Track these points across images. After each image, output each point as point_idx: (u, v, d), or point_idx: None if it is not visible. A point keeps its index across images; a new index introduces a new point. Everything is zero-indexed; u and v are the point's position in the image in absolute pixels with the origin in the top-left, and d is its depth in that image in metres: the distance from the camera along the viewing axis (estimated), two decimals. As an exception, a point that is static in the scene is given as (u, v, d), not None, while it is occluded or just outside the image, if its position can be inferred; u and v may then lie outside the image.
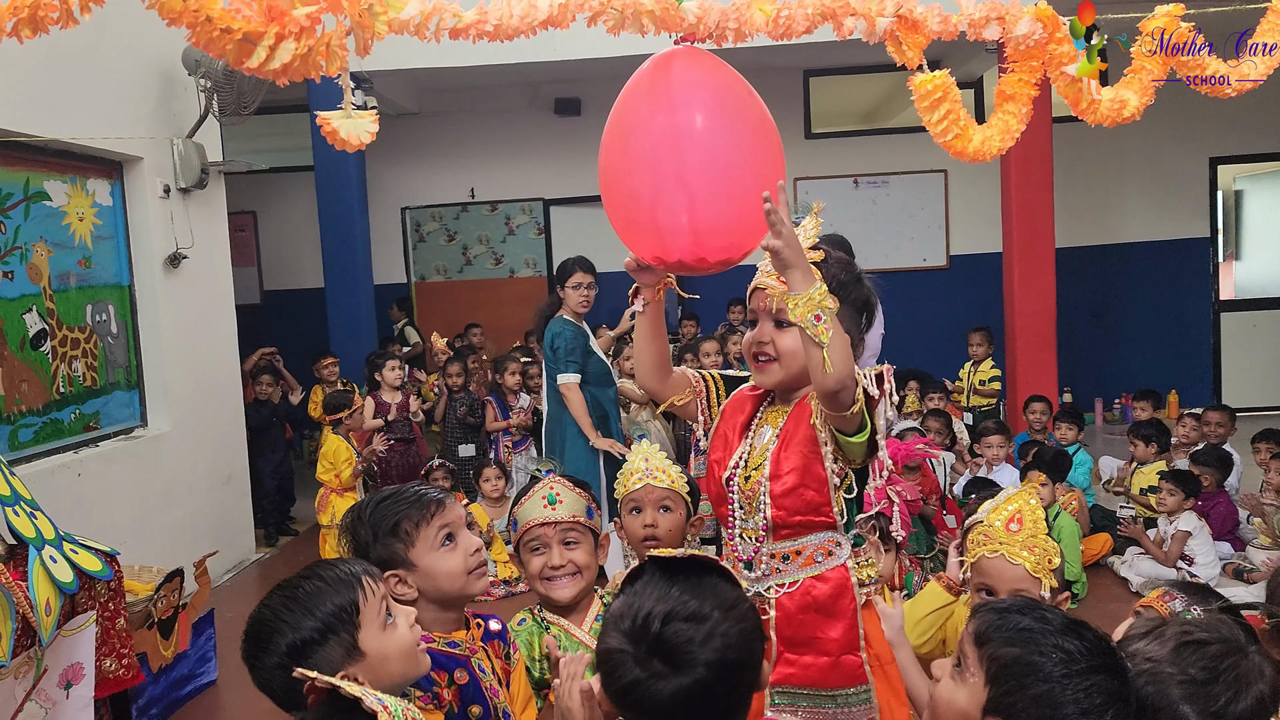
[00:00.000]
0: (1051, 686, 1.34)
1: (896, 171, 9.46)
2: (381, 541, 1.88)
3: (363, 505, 1.95)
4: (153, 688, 3.90)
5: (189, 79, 5.63)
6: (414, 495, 1.92)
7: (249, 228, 9.82)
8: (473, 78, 8.39)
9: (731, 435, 2.13)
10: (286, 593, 1.57)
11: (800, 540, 2.00)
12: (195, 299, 5.89)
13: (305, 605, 1.53)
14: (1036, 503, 2.12)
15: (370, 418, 6.25)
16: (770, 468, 1.99)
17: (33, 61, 4.50)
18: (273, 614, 1.54)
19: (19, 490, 3.12)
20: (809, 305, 1.77)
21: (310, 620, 1.51)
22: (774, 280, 1.96)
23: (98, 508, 4.79)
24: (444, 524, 1.89)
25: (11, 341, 4.53)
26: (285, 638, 1.51)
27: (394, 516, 1.88)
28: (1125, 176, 9.48)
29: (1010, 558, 2.03)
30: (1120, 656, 1.42)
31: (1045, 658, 1.36)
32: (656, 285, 2.18)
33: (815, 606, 1.99)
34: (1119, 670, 1.39)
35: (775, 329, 2.01)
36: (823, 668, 1.99)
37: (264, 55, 1.55)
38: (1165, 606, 1.96)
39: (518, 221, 9.84)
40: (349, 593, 1.55)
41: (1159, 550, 4.98)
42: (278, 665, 1.50)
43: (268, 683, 1.52)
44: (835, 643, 1.98)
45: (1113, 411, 9.32)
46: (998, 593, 2.05)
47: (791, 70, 9.28)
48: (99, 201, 5.24)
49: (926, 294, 9.41)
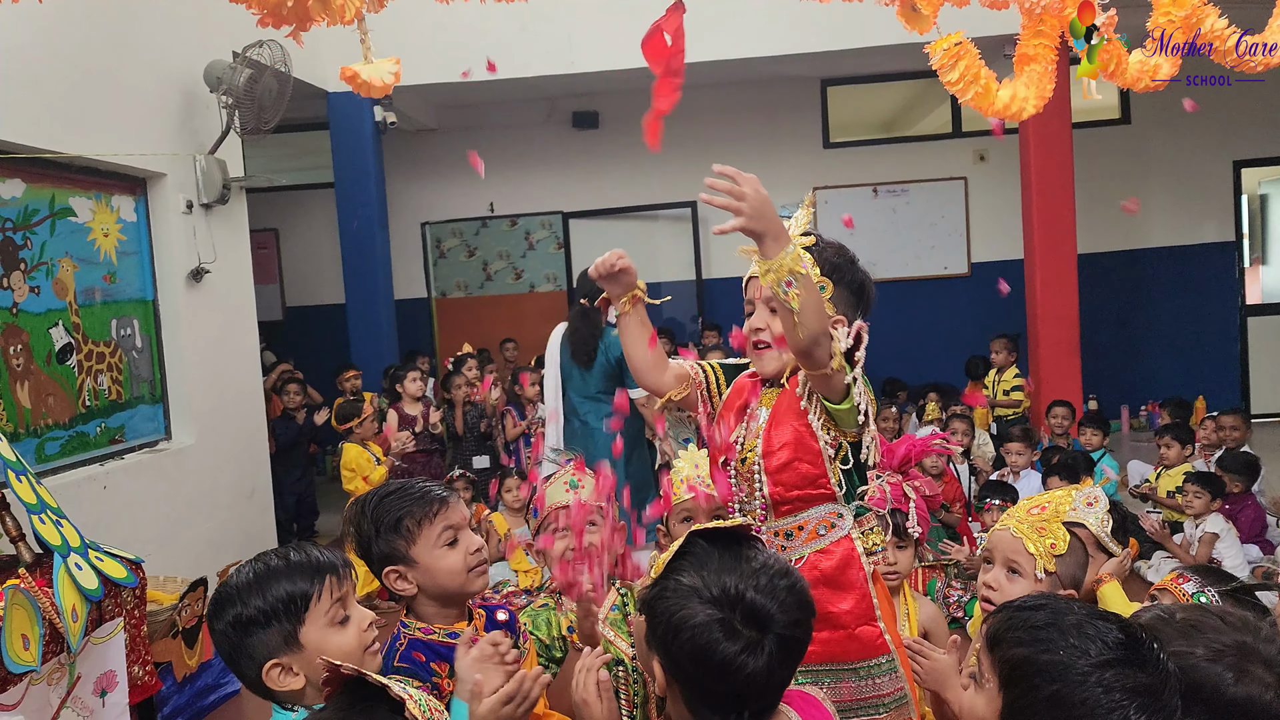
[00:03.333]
0: (1062, 686, 1.25)
1: (916, 180, 9.43)
2: (384, 537, 1.88)
3: (367, 499, 1.95)
4: (177, 696, 3.92)
5: (211, 96, 5.70)
6: (419, 492, 1.92)
7: (271, 245, 9.91)
8: (491, 93, 8.45)
9: (732, 422, 2.15)
10: (255, 565, 1.64)
11: (801, 515, 2.01)
12: (218, 313, 5.94)
13: (260, 584, 1.59)
14: (1070, 498, 2.11)
15: (395, 430, 6.27)
16: (763, 445, 2.01)
17: (58, 80, 4.58)
18: (233, 584, 1.62)
19: (45, 499, 3.15)
20: (779, 271, 1.73)
21: (258, 600, 1.57)
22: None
23: (123, 520, 4.82)
24: (447, 524, 1.90)
25: (38, 356, 4.58)
26: (234, 609, 1.59)
27: (397, 513, 1.89)
28: (1148, 181, 9.41)
29: (1014, 531, 2.03)
30: (1152, 647, 1.29)
31: (1055, 654, 1.27)
32: (624, 295, 2.16)
33: (823, 580, 1.98)
34: (1147, 662, 1.27)
35: (771, 315, 2.02)
36: (840, 640, 1.98)
37: (284, -7, 1.57)
38: (1179, 589, 1.96)
39: (537, 236, 9.88)
40: (304, 583, 1.59)
41: (1185, 553, 4.93)
42: (223, 632, 1.60)
43: (217, 643, 1.63)
44: (848, 614, 1.97)
45: (1139, 418, 9.23)
46: (994, 561, 2.05)
47: (809, 80, 9.30)
48: (123, 217, 5.30)
49: (948, 302, 9.37)
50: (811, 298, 1.76)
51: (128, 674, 3.29)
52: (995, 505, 4.72)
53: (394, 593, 1.91)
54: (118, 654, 3.23)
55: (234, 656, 1.61)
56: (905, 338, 8.86)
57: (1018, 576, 2.03)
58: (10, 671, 2.66)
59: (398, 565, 1.89)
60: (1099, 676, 1.24)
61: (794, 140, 9.45)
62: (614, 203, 9.57)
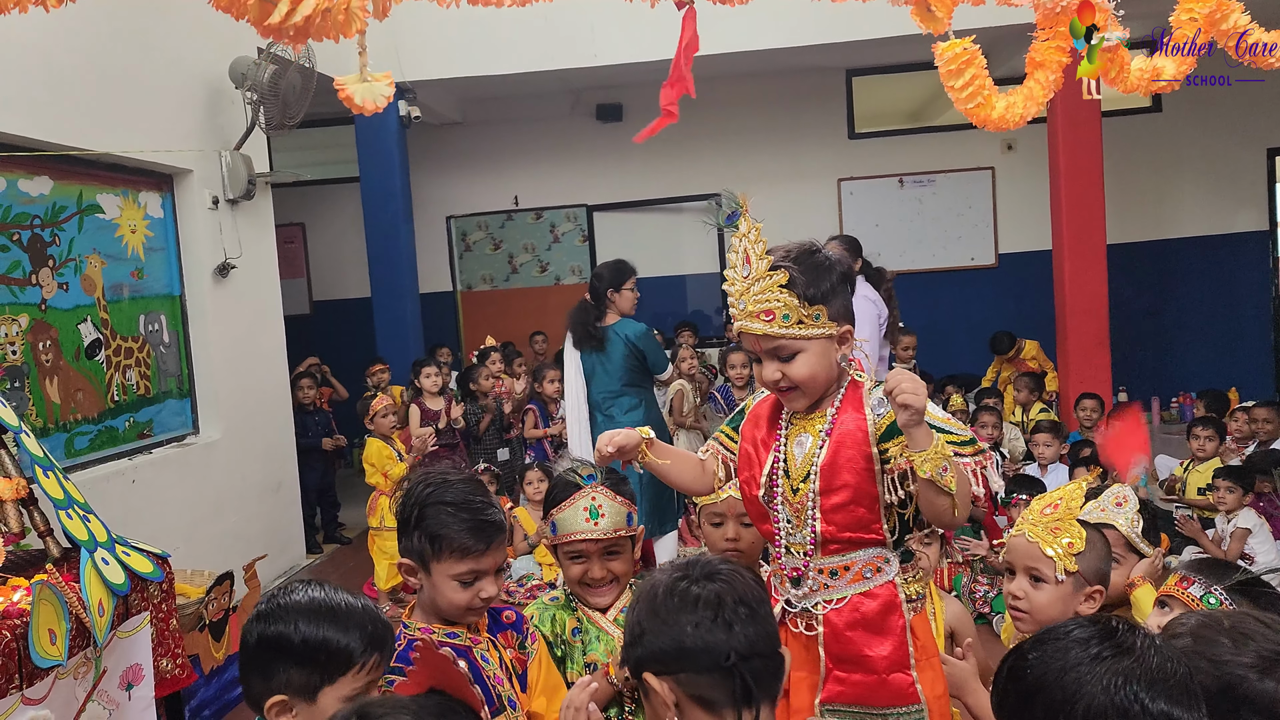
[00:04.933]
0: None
1: (943, 170, 9.35)
2: (417, 536, 1.89)
3: (428, 489, 1.92)
4: (205, 689, 3.96)
5: (236, 92, 5.73)
6: (470, 521, 1.87)
7: (298, 239, 9.97)
8: (515, 85, 8.45)
9: (755, 451, 2.07)
10: (319, 593, 1.60)
11: (849, 556, 1.94)
12: (244, 309, 5.99)
13: (317, 617, 1.55)
14: (1080, 491, 2.08)
15: (417, 425, 6.29)
16: (821, 481, 1.92)
17: (84, 78, 4.62)
18: (292, 602, 1.58)
19: (72, 494, 3.18)
20: (935, 460, 1.77)
21: (308, 631, 1.53)
22: (757, 323, 1.90)
23: (151, 514, 4.88)
24: (475, 568, 1.88)
25: (67, 351, 4.63)
26: (279, 627, 1.54)
27: (439, 527, 1.87)
28: (1179, 169, 9.27)
29: (1029, 536, 2.00)
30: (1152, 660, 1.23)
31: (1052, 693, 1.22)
32: (634, 455, 2.13)
33: (863, 623, 1.93)
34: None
35: (782, 363, 1.93)
36: (871, 685, 1.93)
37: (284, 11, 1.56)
38: (1186, 594, 1.91)
39: (562, 229, 9.88)
40: (356, 643, 1.54)
41: (1217, 549, 4.85)
42: (258, 640, 1.56)
43: (243, 641, 1.59)
44: (884, 660, 1.92)
45: (1170, 410, 9.11)
46: (1015, 570, 2.02)
47: (834, 70, 9.23)
48: (150, 213, 5.35)
49: (975, 293, 9.29)
50: (960, 477, 1.82)
51: (155, 667, 3.32)
52: (1023, 500, 4.68)
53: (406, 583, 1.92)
54: (144, 648, 3.26)
55: (250, 664, 1.58)
56: (930, 329, 8.76)
57: (1042, 583, 2.00)
58: (37, 666, 2.68)
59: (413, 562, 1.90)
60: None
61: (819, 131, 9.38)
62: (638, 195, 9.56)
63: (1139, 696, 1.17)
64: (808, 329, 1.90)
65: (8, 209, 4.29)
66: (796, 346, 1.91)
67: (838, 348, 1.95)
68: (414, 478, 2.02)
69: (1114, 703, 1.17)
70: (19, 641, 2.66)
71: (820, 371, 1.93)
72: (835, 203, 9.46)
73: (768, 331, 1.90)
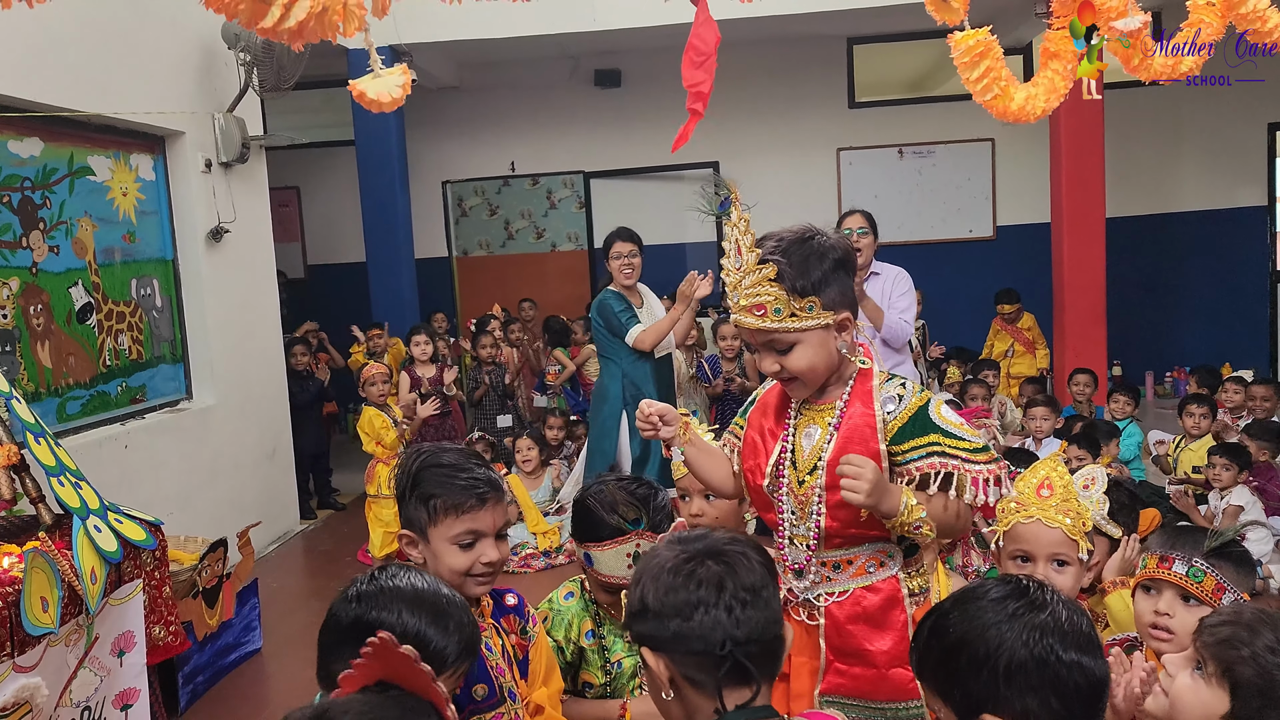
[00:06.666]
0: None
1: (942, 141, 9.28)
2: (413, 503, 1.86)
3: (420, 457, 1.90)
4: (198, 656, 3.96)
5: (229, 53, 5.65)
6: (464, 480, 1.85)
7: (293, 203, 9.90)
8: (513, 50, 8.35)
9: (762, 440, 2.03)
10: (426, 586, 1.53)
11: (852, 550, 1.93)
12: (238, 273, 5.94)
13: (420, 610, 1.49)
14: (1064, 469, 2.07)
15: (406, 391, 6.28)
16: (827, 476, 1.89)
17: (75, 38, 4.54)
18: (397, 588, 1.51)
19: (64, 461, 3.17)
20: (906, 522, 1.83)
21: (409, 622, 1.47)
22: (750, 318, 1.88)
23: (144, 479, 4.86)
24: (473, 526, 1.84)
25: (59, 315, 4.60)
26: (381, 613, 1.47)
27: (432, 489, 1.84)
28: (1180, 143, 9.22)
29: (1048, 521, 1.99)
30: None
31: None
32: (678, 432, 2.09)
33: (865, 617, 1.92)
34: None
35: (779, 355, 1.90)
36: (871, 679, 1.92)
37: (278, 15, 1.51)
38: (1173, 574, 1.90)
39: (559, 195, 9.81)
40: (449, 650, 1.49)
41: (1210, 526, 4.87)
42: (353, 620, 1.47)
43: (336, 613, 1.51)
44: (885, 655, 1.91)
45: (1164, 385, 9.13)
46: (1035, 558, 2.00)
47: (835, 39, 9.13)
48: (142, 176, 5.29)
49: (972, 266, 9.25)
50: (941, 519, 1.86)
51: (148, 634, 3.32)
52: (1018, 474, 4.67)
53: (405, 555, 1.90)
54: (136, 615, 3.26)
55: (338, 644, 1.47)
56: (928, 302, 8.73)
57: (1066, 566, 2.00)
58: (29, 634, 2.68)
59: (413, 533, 1.88)
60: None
61: (818, 100, 9.30)
62: (636, 162, 9.48)
63: (1054, 648, 1.29)
64: (801, 321, 1.86)
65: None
66: (791, 339, 1.88)
67: (836, 335, 1.91)
68: (407, 451, 1.99)
69: (1033, 655, 1.29)
70: (10, 609, 2.65)
71: (819, 362, 1.90)
72: (834, 173, 9.40)
73: (761, 326, 1.87)
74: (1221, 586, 1.87)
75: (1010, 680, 1.28)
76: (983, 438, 1.90)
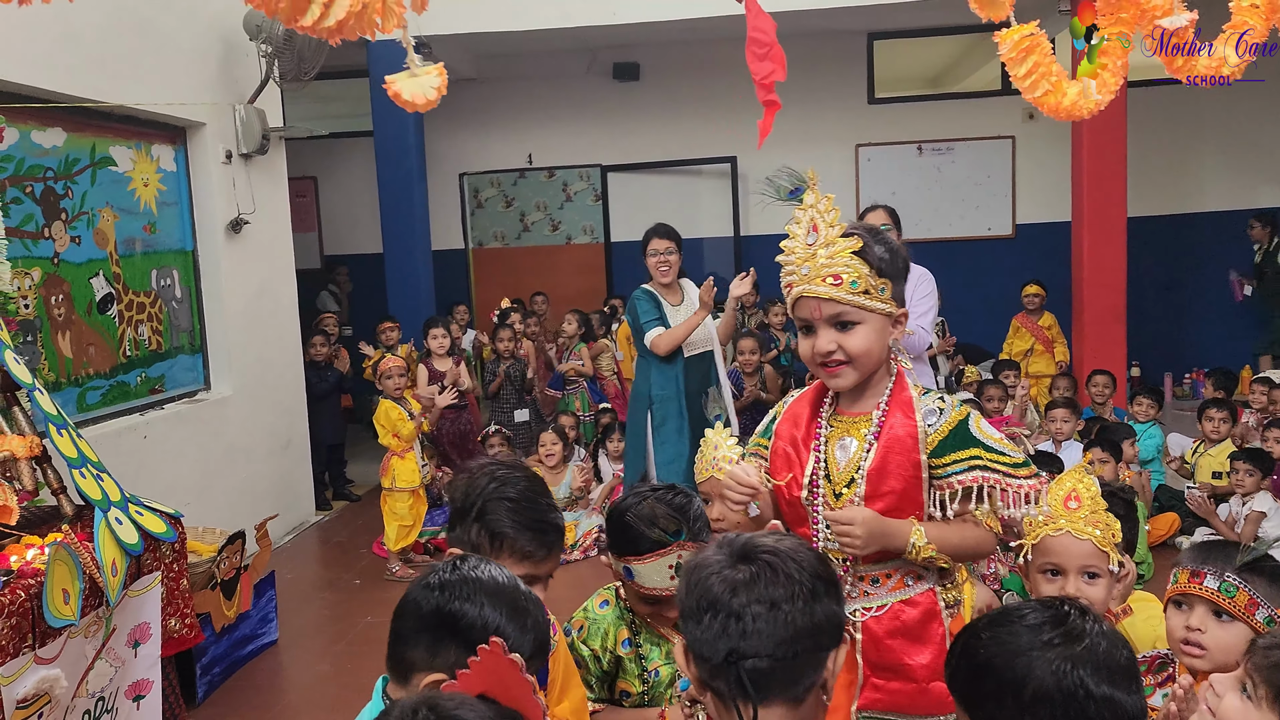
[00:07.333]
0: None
1: (962, 137, 9.22)
2: (477, 528, 1.87)
3: (491, 482, 1.90)
4: (215, 647, 3.98)
5: (250, 44, 5.65)
6: (537, 527, 1.87)
7: (310, 193, 9.91)
8: (531, 42, 8.33)
9: (795, 451, 1.98)
10: (507, 582, 1.52)
11: (889, 564, 1.90)
12: (257, 264, 5.95)
13: (501, 605, 1.47)
14: (1091, 479, 2.05)
15: (424, 385, 6.27)
16: (867, 486, 1.86)
17: (99, 30, 4.55)
18: (480, 581, 1.49)
19: (86, 453, 3.17)
20: (922, 556, 1.83)
21: (490, 616, 1.45)
22: (823, 286, 1.83)
23: (163, 469, 4.88)
24: (533, 573, 1.86)
25: (79, 305, 4.61)
26: (464, 604, 1.46)
27: (503, 526, 1.85)
28: (1201, 143, 9.14)
29: (1077, 534, 1.97)
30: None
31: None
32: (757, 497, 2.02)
33: (903, 631, 1.90)
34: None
35: (839, 332, 1.86)
36: (909, 694, 1.90)
37: (318, 13, 1.50)
38: (1205, 589, 1.86)
39: (575, 188, 9.80)
40: (524, 650, 1.43)
41: (1230, 531, 4.83)
42: (435, 608, 1.46)
43: (418, 600, 1.48)
44: (924, 669, 1.89)
45: (1182, 387, 9.06)
46: (1066, 571, 1.98)
47: (855, 34, 9.08)
48: (163, 167, 5.29)
49: (991, 264, 9.20)
50: (956, 543, 1.86)
51: (164, 626, 3.33)
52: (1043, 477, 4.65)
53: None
54: (153, 606, 3.26)
55: (418, 631, 1.46)
56: (944, 300, 8.70)
57: (1097, 578, 1.98)
58: (50, 625, 2.69)
59: (464, 552, 1.86)
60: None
61: (837, 96, 9.25)
62: (653, 156, 9.45)
63: (1084, 681, 1.24)
64: (873, 300, 1.84)
65: (20, 161, 4.25)
66: (858, 316, 1.84)
67: (891, 329, 1.90)
68: (475, 467, 1.97)
69: (1060, 687, 1.24)
70: (33, 601, 2.66)
71: (875, 349, 1.87)
72: (853, 169, 9.35)
73: (834, 295, 1.82)
74: (1255, 602, 1.84)
75: (1034, 711, 1.24)
76: (1021, 452, 1.88)
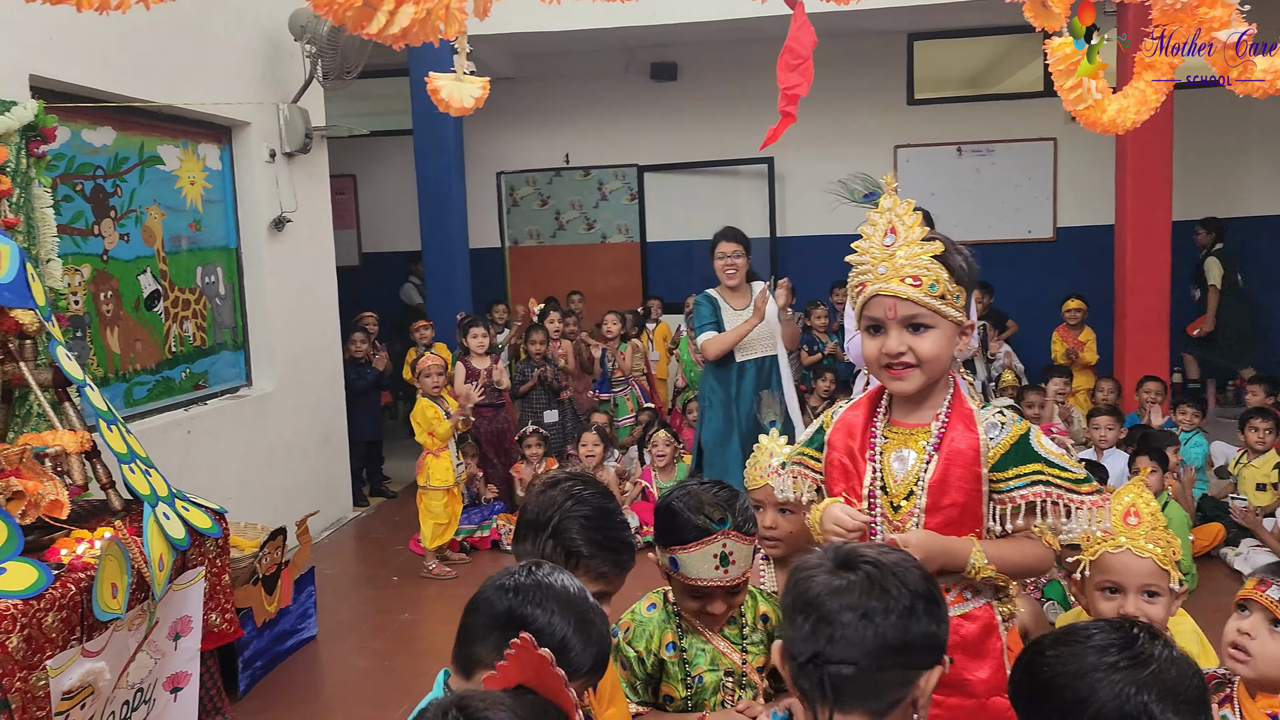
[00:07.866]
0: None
1: (1003, 139, 9.14)
2: (551, 543, 1.87)
3: (568, 497, 1.91)
4: (257, 641, 4.03)
5: (295, 45, 5.71)
6: (614, 546, 1.89)
7: (349, 191, 9.99)
8: (569, 42, 8.35)
9: (852, 462, 1.96)
10: (578, 592, 1.53)
11: (948, 578, 1.87)
12: (298, 262, 6.01)
13: (570, 614, 1.48)
14: (1148, 494, 2.03)
15: (462, 382, 6.30)
16: (928, 498, 1.85)
17: (148, 31, 4.61)
18: (553, 588, 1.51)
19: (134, 448, 3.23)
20: (981, 575, 1.81)
21: (558, 625, 1.47)
22: (900, 285, 1.82)
23: (206, 464, 4.95)
24: (605, 590, 1.88)
25: (127, 302, 4.68)
26: (535, 609, 1.47)
27: (579, 545, 1.87)
28: (1248, 146, 8.99)
29: (1138, 551, 1.95)
30: None
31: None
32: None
33: (963, 646, 1.87)
34: None
35: (911, 334, 1.85)
36: (969, 710, 1.87)
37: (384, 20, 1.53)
38: (1265, 597, 1.85)
39: (610, 187, 9.81)
40: (583, 663, 1.47)
41: (1276, 541, 4.76)
42: (508, 609, 1.47)
43: (491, 599, 1.50)
44: (983, 684, 1.87)
45: (1226, 394, 8.92)
46: (1125, 589, 1.96)
47: (895, 34, 9.02)
48: (209, 166, 5.36)
49: (1031, 267, 9.10)
50: (1017, 561, 1.84)
51: (205, 621, 3.38)
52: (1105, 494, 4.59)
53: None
54: (196, 601, 3.32)
55: (487, 630, 1.49)
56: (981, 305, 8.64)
57: (1157, 597, 1.96)
58: (98, 619, 2.74)
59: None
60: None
61: (876, 96, 9.19)
62: (689, 156, 9.44)
63: (1148, 707, 1.21)
64: (948, 306, 1.83)
65: (71, 159, 4.32)
66: (932, 320, 1.84)
67: (959, 339, 1.89)
68: (549, 479, 1.98)
69: (1122, 711, 1.21)
70: (83, 595, 2.71)
71: (944, 355, 1.86)
72: (891, 170, 9.24)
73: (912, 296, 1.82)
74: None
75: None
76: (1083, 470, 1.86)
